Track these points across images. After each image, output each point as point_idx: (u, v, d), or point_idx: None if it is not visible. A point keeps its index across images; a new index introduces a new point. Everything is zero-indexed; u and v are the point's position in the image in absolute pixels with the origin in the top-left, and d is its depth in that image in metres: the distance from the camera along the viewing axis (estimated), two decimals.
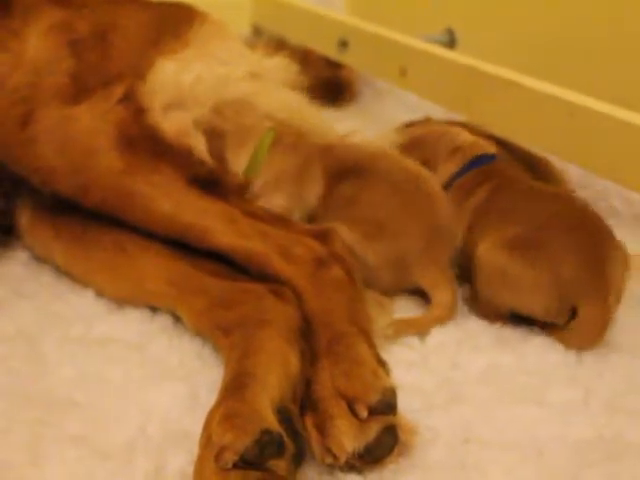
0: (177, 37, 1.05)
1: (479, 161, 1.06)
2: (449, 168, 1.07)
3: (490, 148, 1.08)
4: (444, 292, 0.92)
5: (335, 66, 1.64)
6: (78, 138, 0.93)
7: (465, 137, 1.10)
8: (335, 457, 0.67)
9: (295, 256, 0.88)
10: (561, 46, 1.54)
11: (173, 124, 0.97)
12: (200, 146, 0.97)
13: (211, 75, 1.03)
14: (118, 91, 0.96)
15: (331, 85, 1.23)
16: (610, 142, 1.03)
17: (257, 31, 1.86)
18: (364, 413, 0.68)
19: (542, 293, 0.86)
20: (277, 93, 1.08)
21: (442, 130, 1.12)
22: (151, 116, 0.96)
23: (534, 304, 0.87)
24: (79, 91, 0.96)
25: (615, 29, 1.44)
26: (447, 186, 1.05)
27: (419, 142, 1.10)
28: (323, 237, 0.92)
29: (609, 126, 1.03)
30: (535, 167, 1.13)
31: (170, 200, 0.91)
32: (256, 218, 0.93)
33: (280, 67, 1.12)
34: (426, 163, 1.05)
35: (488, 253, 0.90)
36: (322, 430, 0.68)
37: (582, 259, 0.86)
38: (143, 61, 1.00)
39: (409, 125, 1.31)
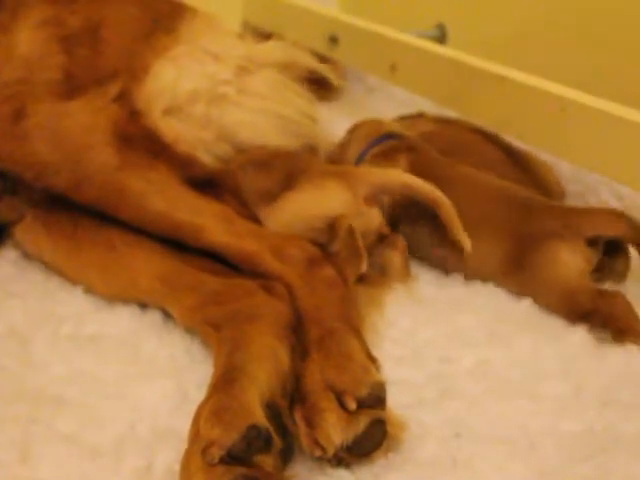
0: (169, 33, 1.05)
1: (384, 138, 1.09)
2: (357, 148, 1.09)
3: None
4: None
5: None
6: (72, 133, 0.93)
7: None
8: (323, 450, 0.66)
9: (288, 256, 0.88)
10: (552, 41, 1.54)
11: (172, 131, 0.97)
12: (199, 154, 0.98)
13: (205, 83, 1.02)
14: (113, 89, 0.96)
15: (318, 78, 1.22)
16: (602, 137, 1.03)
17: (247, 28, 1.86)
18: (353, 406, 0.68)
19: None
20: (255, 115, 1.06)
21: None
22: (149, 119, 0.97)
23: None
24: (72, 87, 0.96)
25: (608, 24, 1.44)
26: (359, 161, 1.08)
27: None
28: None
29: (601, 121, 1.02)
30: (520, 163, 1.13)
31: (164, 198, 0.92)
32: (250, 219, 0.94)
33: (274, 49, 1.11)
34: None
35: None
36: (311, 423, 0.68)
37: None
38: (137, 59, 1.00)
39: (401, 120, 1.30)
